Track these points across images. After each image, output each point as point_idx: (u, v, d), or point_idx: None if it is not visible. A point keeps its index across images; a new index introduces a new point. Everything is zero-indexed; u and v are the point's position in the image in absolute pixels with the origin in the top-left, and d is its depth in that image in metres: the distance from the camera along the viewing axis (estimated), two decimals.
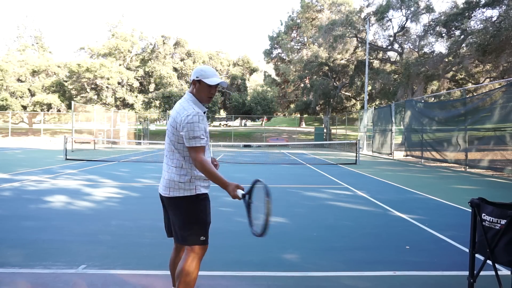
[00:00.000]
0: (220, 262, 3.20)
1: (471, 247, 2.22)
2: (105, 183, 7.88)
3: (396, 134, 18.03)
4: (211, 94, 2.20)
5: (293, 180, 8.95)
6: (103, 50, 39.38)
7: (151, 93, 37.73)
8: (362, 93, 33.52)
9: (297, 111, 44.28)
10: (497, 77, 22.56)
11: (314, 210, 5.54)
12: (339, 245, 3.77)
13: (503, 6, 19.55)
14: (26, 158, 14.22)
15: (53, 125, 44.95)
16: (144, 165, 12.27)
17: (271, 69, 50.88)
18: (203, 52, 41.47)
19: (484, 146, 11.62)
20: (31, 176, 8.83)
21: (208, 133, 2.21)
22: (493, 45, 18.66)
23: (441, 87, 28.93)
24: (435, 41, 27.23)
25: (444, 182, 8.99)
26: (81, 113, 39.24)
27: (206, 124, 2.16)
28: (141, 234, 4.03)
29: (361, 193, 6.99)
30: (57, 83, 39.27)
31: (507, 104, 10.09)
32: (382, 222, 4.77)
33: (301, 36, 44.12)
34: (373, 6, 30.91)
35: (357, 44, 33.18)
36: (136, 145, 29.15)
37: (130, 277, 2.85)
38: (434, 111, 14.74)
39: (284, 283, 2.79)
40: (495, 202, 2.10)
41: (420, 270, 3.08)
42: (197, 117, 2.07)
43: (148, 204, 5.84)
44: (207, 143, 2.19)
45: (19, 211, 5.12)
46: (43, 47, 50.64)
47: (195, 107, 2.13)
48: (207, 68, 2.20)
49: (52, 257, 3.26)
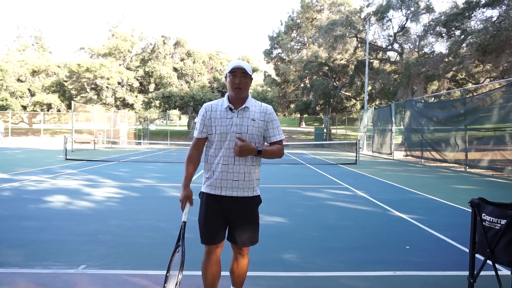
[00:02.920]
0: (225, 262, 3.19)
1: (471, 247, 2.22)
2: (105, 183, 7.88)
3: (396, 134, 18.03)
4: (235, 84, 2.05)
5: (293, 180, 8.95)
6: (103, 50, 39.35)
7: (151, 93, 37.69)
8: (362, 93, 33.52)
9: (297, 111, 44.29)
10: (497, 77, 22.56)
11: (314, 210, 5.54)
12: (339, 245, 3.77)
13: (503, 6, 19.55)
14: (26, 158, 14.21)
15: (53, 125, 44.95)
16: (144, 165, 12.26)
17: (271, 69, 50.84)
18: (203, 52, 41.41)
19: (484, 146, 11.62)
20: (31, 176, 8.82)
21: (226, 128, 2.07)
22: (493, 45, 18.65)
23: (441, 87, 28.94)
24: (435, 41, 27.25)
25: (444, 182, 8.99)
26: (81, 113, 39.23)
27: (214, 118, 2.09)
28: (141, 234, 4.03)
29: (361, 193, 6.99)
30: (57, 83, 39.25)
31: (507, 104, 10.09)
32: (382, 222, 4.77)
33: (301, 36, 44.12)
34: (373, 6, 30.95)
35: (357, 44, 33.17)
36: (136, 145, 29.15)
37: (130, 277, 2.85)
38: (434, 111, 14.73)
39: (284, 283, 2.79)
40: (495, 202, 2.10)
41: (420, 270, 3.08)
42: (202, 109, 2.15)
43: (148, 204, 5.84)
44: (222, 139, 2.07)
45: (19, 211, 5.12)
46: (43, 47, 50.63)
47: (216, 101, 2.17)
48: (230, 62, 2.13)
49: (52, 257, 3.26)
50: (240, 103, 2.10)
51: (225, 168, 2.05)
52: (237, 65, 2.03)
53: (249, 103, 2.11)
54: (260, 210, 2.24)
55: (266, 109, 2.16)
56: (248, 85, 2.10)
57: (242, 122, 2.07)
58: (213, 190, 2.08)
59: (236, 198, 2.08)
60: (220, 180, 2.06)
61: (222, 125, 2.06)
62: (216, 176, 2.07)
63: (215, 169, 2.07)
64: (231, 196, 2.07)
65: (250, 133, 2.06)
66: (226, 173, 2.05)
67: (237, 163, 2.05)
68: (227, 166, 2.05)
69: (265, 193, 6.82)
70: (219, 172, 2.06)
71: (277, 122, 2.19)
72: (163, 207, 5.65)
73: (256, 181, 2.15)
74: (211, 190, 2.09)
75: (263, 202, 2.24)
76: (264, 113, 2.14)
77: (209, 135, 2.12)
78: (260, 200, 2.19)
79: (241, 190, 2.08)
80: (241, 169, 2.06)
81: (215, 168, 2.08)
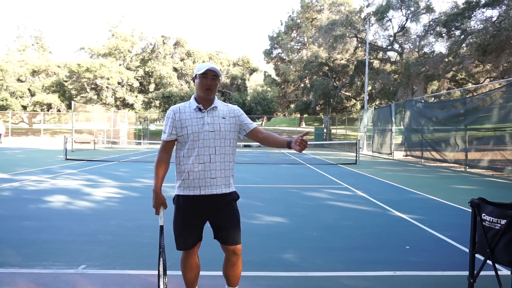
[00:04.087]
0: (220, 262, 3.18)
1: (471, 247, 2.22)
2: (105, 183, 7.88)
3: (396, 134, 18.03)
4: (206, 86, 2.10)
5: (293, 180, 8.95)
6: (103, 50, 39.37)
7: (151, 93, 37.71)
8: (362, 93, 33.52)
9: (297, 111, 44.27)
10: (497, 77, 22.55)
11: (314, 210, 5.54)
12: (339, 245, 3.77)
13: (503, 6, 19.55)
14: (26, 158, 14.21)
15: (53, 125, 44.92)
16: (144, 165, 12.26)
17: (271, 69, 50.84)
18: (203, 52, 41.44)
19: (484, 146, 11.62)
20: (31, 176, 8.83)
21: (198, 127, 2.09)
22: (493, 45, 18.65)
23: (441, 87, 28.94)
24: (435, 41, 27.26)
25: (444, 182, 8.99)
26: (81, 113, 39.22)
27: (185, 119, 2.11)
28: (141, 234, 4.03)
29: (361, 193, 6.99)
30: (57, 83, 39.27)
31: (507, 104, 10.09)
32: (382, 222, 4.77)
33: (301, 36, 44.12)
34: (373, 6, 30.93)
35: (357, 44, 33.17)
36: (136, 145, 29.15)
37: (130, 277, 2.85)
38: (434, 111, 14.73)
39: (284, 283, 2.79)
40: (495, 202, 2.10)
41: (420, 270, 3.08)
42: (169, 112, 2.17)
43: (148, 204, 5.83)
44: (195, 139, 2.08)
45: (19, 211, 5.12)
46: (43, 47, 50.62)
47: (182, 104, 2.21)
48: (200, 64, 2.20)
49: (52, 257, 3.26)
50: (209, 103, 2.16)
51: (202, 167, 2.08)
52: (209, 68, 2.10)
53: (217, 103, 2.18)
54: (260, 210, 2.25)
55: (233, 108, 2.25)
56: (217, 87, 2.18)
57: (214, 120, 2.12)
58: (192, 190, 2.10)
59: (215, 196, 2.11)
60: (198, 180, 2.08)
61: (193, 125, 2.09)
62: (193, 176, 2.08)
63: (191, 169, 2.08)
64: (210, 195, 2.10)
65: (223, 130, 2.13)
66: (204, 171, 2.08)
67: (213, 161, 2.10)
68: (203, 165, 2.08)
69: (265, 193, 6.86)
70: (196, 172, 2.08)
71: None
72: None
73: (231, 177, 2.20)
74: (190, 191, 2.10)
75: (263, 202, 2.26)
76: (232, 110, 2.23)
77: (179, 137, 2.12)
78: (238, 196, 2.24)
79: (219, 187, 2.12)
80: (218, 166, 2.11)
81: (190, 169, 2.08)
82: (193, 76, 2.22)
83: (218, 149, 2.11)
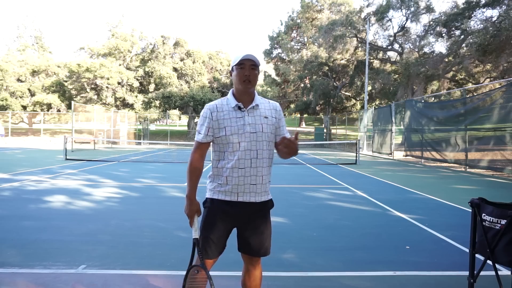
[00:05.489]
0: (220, 262, 3.17)
1: (471, 247, 2.22)
2: (105, 183, 7.88)
3: (396, 134, 18.03)
4: (245, 77, 1.87)
5: (293, 180, 8.95)
6: (103, 50, 39.34)
7: (151, 93, 37.69)
8: (362, 93, 33.51)
9: (297, 111, 44.28)
10: (497, 77, 22.56)
11: (314, 210, 5.54)
12: (339, 245, 3.77)
13: (503, 6, 19.55)
14: (26, 158, 14.21)
15: (53, 125, 44.94)
16: (144, 165, 12.26)
17: (271, 69, 50.79)
18: (203, 52, 41.41)
19: (484, 146, 11.62)
20: (31, 176, 8.82)
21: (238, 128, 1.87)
22: (493, 45, 18.66)
23: (441, 87, 28.95)
24: (435, 41, 27.22)
25: (444, 182, 8.99)
26: (81, 113, 39.23)
27: (223, 118, 1.88)
28: (141, 234, 4.03)
29: (361, 193, 6.99)
30: (57, 83, 39.25)
31: (507, 104, 10.10)
32: (382, 222, 4.77)
33: (301, 36, 44.08)
34: (373, 6, 30.89)
35: (357, 44, 33.16)
36: (136, 145, 29.15)
37: (130, 277, 2.85)
38: (434, 111, 14.74)
39: (284, 283, 2.79)
40: (495, 202, 2.10)
41: (420, 270, 3.08)
42: (205, 110, 1.93)
43: (148, 204, 5.85)
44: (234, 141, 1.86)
45: (19, 211, 5.12)
46: (43, 47, 50.61)
47: (219, 100, 1.97)
48: (237, 55, 1.94)
49: (52, 257, 3.26)
50: (249, 100, 1.93)
51: (242, 172, 1.86)
52: (246, 57, 1.86)
53: (258, 101, 1.95)
54: None
55: (275, 106, 2.04)
56: (257, 79, 1.94)
57: (255, 120, 1.89)
58: (228, 196, 1.89)
59: (253, 204, 1.91)
60: (236, 186, 1.87)
61: (232, 125, 1.87)
62: (233, 182, 1.87)
63: (230, 175, 1.87)
64: (248, 202, 1.90)
65: (265, 132, 1.90)
66: (243, 177, 1.87)
67: (254, 166, 1.88)
68: (243, 170, 1.86)
69: None
70: (235, 178, 1.86)
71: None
72: (163, 207, 5.65)
73: (269, 183, 2.01)
74: (226, 196, 1.89)
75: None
76: (274, 109, 2.01)
77: (216, 138, 1.90)
78: (273, 204, 2.05)
79: (259, 194, 1.91)
80: (259, 171, 1.89)
81: (229, 174, 1.87)
82: (229, 70, 2.08)
83: (260, 152, 1.89)
